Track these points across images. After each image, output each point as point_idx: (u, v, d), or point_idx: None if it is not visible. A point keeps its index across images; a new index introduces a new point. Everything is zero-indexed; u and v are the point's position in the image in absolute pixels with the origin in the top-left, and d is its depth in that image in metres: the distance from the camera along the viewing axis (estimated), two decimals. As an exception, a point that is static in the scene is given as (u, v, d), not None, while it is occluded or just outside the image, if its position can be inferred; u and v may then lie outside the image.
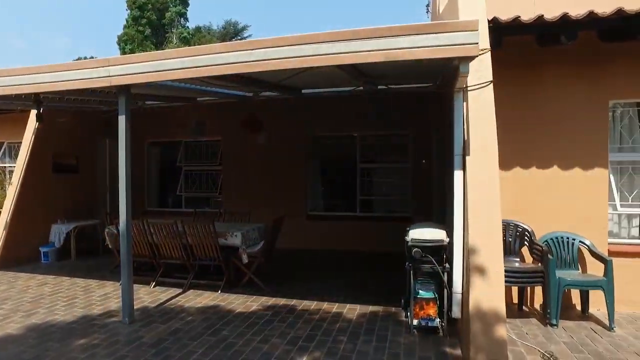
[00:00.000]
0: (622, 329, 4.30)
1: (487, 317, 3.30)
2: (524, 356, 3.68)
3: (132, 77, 4.11)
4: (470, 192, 3.48)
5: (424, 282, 4.15)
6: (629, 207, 4.99)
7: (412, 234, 4.10)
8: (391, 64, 3.80)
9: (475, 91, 3.62)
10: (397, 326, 4.36)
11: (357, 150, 8.64)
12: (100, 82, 4.25)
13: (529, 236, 4.77)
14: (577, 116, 4.83)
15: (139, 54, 4.34)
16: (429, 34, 3.23)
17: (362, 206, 8.64)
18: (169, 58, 4.05)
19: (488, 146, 3.51)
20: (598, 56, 4.78)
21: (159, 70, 4.03)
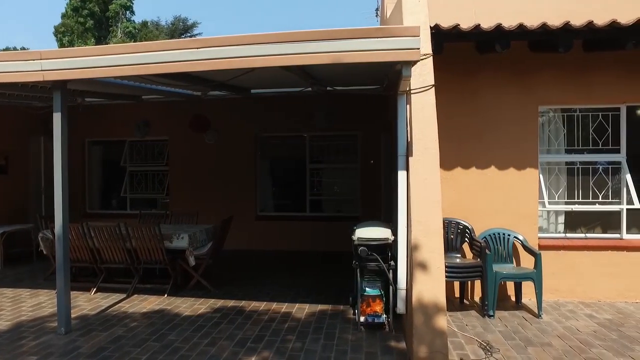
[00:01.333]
0: (549, 315, 4.66)
1: (429, 310, 3.46)
2: (464, 346, 3.89)
3: (68, 73, 3.89)
4: (413, 192, 3.62)
5: (371, 279, 4.27)
6: (556, 205, 5.41)
7: (358, 233, 4.20)
8: (337, 66, 3.89)
9: (417, 94, 3.78)
10: (345, 324, 4.45)
11: (307, 150, 8.70)
12: (31, 76, 3.98)
13: (469, 233, 5.04)
14: (511, 120, 5.16)
15: (76, 48, 4.14)
16: (374, 38, 3.33)
17: (311, 206, 8.72)
18: (109, 54, 3.87)
19: (430, 147, 3.68)
20: (529, 65, 5.14)
21: (99, 66, 3.84)
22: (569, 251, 5.19)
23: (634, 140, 5.35)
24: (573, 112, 5.39)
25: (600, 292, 5.16)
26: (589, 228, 5.54)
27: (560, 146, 5.44)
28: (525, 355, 3.69)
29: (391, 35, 3.32)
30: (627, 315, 4.68)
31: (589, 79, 5.16)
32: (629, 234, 5.31)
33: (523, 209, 5.15)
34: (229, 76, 4.69)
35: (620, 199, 5.28)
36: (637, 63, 5.06)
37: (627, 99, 5.22)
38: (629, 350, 3.82)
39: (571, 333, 4.17)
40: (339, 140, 8.76)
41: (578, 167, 5.39)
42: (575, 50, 4.78)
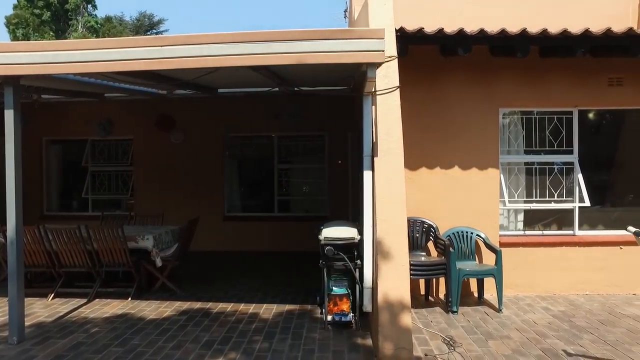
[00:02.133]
0: (508, 309, 4.85)
1: (394, 308, 3.53)
2: (428, 342, 3.99)
3: (22, 68, 3.72)
4: (378, 191, 3.69)
5: (337, 279, 4.31)
6: (515, 203, 5.63)
7: (325, 232, 4.24)
8: (304, 67, 3.92)
9: (383, 95, 3.85)
10: (313, 323, 4.47)
11: (275, 150, 8.68)
12: (-21, 70, 3.79)
13: (434, 232, 5.17)
14: (473, 122, 5.33)
15: (31, 42, 3.98)
16: (339, 39, 3.37)
17: (280, 206, 8.71)
18: (69, 49, 3.74)
19: (394, 148, 3.75)
20: (490, 69, 5.32)
21: (56, 62, 3.69)
22: (528, 248, 5.42)
23: (585, 142, 5.66)
24: (531, 114, 5.63)
25: (556, 286, 5.41)
26: (545, 225, 5.80)
27: (519, 147, 5.67)
28: (486, 349, 3.82)
29: (356, 37, 3.37)
30: (577, 307, 4.95)
31: (545, 83, 5.40)
32: (580, 230, 5.60)
33: (485, 207, 5.33)
34: (194, 75, 4.63)
35: (573, 197, 5.55)
36: (586, 70, 5.35)
37: (578, 103, 5.50)
38: (578, 339, 4.05)
39: (528, 325, 4.36)
40: (307, 141, 8.79)
41: (536, 168, 5.64)
42: (532, 56, 5.00)
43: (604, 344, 3.93)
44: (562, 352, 3.75)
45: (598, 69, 5.36)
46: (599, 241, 5.44)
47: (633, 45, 4.74)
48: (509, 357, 3.67)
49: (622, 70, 5.38)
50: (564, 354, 3.71)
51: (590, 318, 4.58)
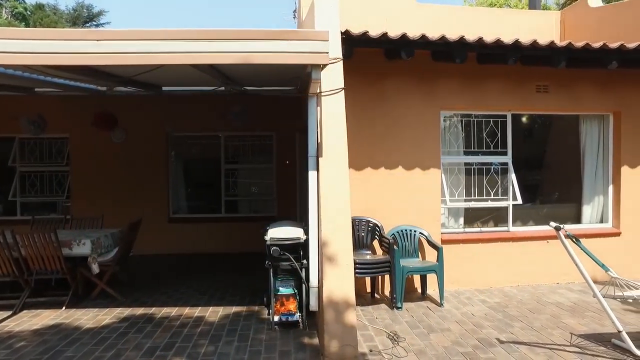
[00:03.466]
0: (449, 303, 5.08)
1: (339, 306, 3.58)
2: (373, 338, 4.09)
3: None
4: (322, 192, 3.73)
5: (284, 279, 4.31)
6: (456, 202, 5.91)
7: (271, 233, 4.23)
8: (251, 67, 3.88)
9: (328, 97, 3.90)
10: (260, 324, 4.45)
11: (222, 150, 8.53)
12: None
13: (379, 231, 5.31)
14: (416, 123, 5.53)
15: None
16: (284, 40, 3.38)
17: (227, 207, 8.56)
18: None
19: (339, 149, 3.82)
20: (432, 73, 5.54)
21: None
22: (467, 244, 5.70)
23: (518, 144, 6.05)
24: (470, 117, 5.93)
25: (492, 279, 5.74)
26: (483, 222, 6.14)
27: (459, 148, 5.94)
28: (428, 342, 3.99)
29: (301, 39, 3.40)
30: (511, 298, 5.28)
31: (483, 88, 5.71)
32: (514, 226, 5.98)
33: (427, 206, 5.55)
34: (136, 72, 4.44)
35: (507, 196, 5.92)
36: (518, 77, 5.72)
37: (511, 108, 5.87)
38: (510, 327, 4.35)
39: (467, 318, 4.60)
40: (254, 140, 8.70)
41: (474, 168, 5.95)
42: (470, 63, 5.27)
43: (531, 330, 4.25)
44: (496, 340, 3.99)
45: (528, 77, 5.75)
46: (530, 236, 5.84)
47: (554, 56, 5.14)
48: (448, 348, 3.85)
49: (547, 79, 5.81)
50: (497, 342, 3.96)
51: (521, 307, 4.91)
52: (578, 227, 6.17)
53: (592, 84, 5.94)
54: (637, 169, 6.09)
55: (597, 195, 6.31)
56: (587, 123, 6.32)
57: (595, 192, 6.32)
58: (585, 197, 6.35)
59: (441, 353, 3.75)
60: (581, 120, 6.34)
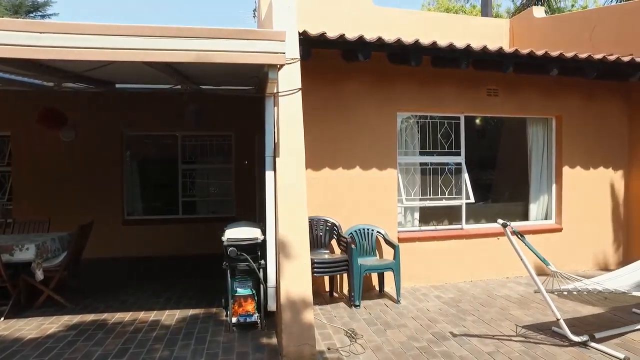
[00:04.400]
0: (406, 300, 5.21)
1: (297, 305, 3.60)
2: (331, 336, 4.14)
3: None
4: (279, 192, 3.74)
5: (242, 279, 4.28)
6: (412, 201, 6.07)
7: (228, 233, 4.18)
8: (206, 65, 3.82)
9: (285, 97, 3.90)
10: (218, 326, 4.39)
11: (179, 150, 8.34)
12: None
13: (336, 230, 5.37)
14: (373, 124, 5.64)
15: None
16: (240, 39, 3.35)
17: (185, 208, 8.38)
18: None
19: (296, 148, 3.83)
20: (389, 75, 5.67)
21: None
22: (423, 242, 5.87)
23: (471, 145, 6.30)
24: (425, 119, 6.11)
25: (447, 276, 5.94)
26: (438, 221, 6.34)
27: (415, 149, 6.12)
28: (384, 338, 4.08)
29: (257, 38, 3.38)
30: (464, 293, 5.49)
31: (437, 90, 5.91)
32: (467, 224, 6.23)
33: (384, 205, 5.67)
34: (84, 67, 4.26)
35: (461, 195, 6.15)
36: (470, 81, 5.96)
37: (464, 110, 6.11)
38: (462, 321, 4.52)
39: (422, 313, 4.74)
40: (213, 140, 8.56)
41: (430, 168, 6.13)
42: (426, 65, 5.44)
43: (482, 323, 4.44)
44: (449, 334, 4.14)
45: (479, 81, 6.00)
46: (482, 233, 6.09)
47: (503, 62, 5.41)
48: (404, 343, 3.96)
49: (497, 83, 6.10)
50: (451, 336, 4.11)
51: (473, 302, 5.12)
52: (525, 224, 6.51)
53: (537, 89, 6.29)
54: (576, 169, 6.51)
55: (542, 193, 6.69)
56: (534, 126, 6.69)
57: (541, 191, 6.69)
58: (532, 195, 6.70)
59: (397, 348, 3.85)
60: (528, 123, 6.69)
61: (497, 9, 21.57)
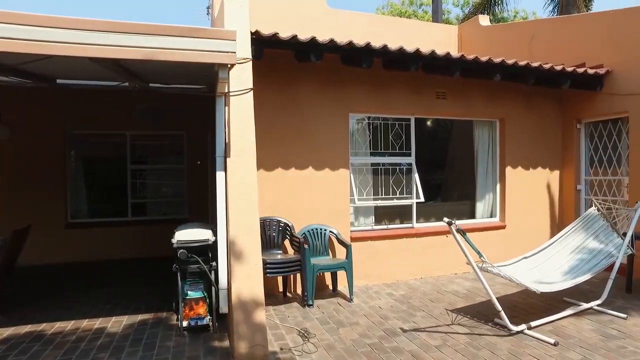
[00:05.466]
0: (359, 298, 5.31)
1: (248, 306, 3.58)
2: (284, 336, 4.14)
3: None
4: (230, 192, 3.70)
5: (193, 282, 4.19)
6: (364, 201, 6.19)
7: (178, 235, 4.09)
8: (155, 63, 3.70)
9: (236, 97, 3.86)
10: (168, 331, 4.27)
11: (128, 150, 8.03)
12: None
13: (289, 230, 5.38)
14: (326, 125, 5.70)
15: None
16: (190, 38, 3.29)
17: (134, 210, 8.09)
18: None
19: (247, 149, 3.81)
20: (341, 77, 5.75)
21: None
22: (375, 241, 6.00)
23: (421, 146, 6.51)
24: (377, 120, 6.25)
25: (399, 273, 6.11)
26: (391, 220, 6.50)
27: (367, 149, 6.24)
28: (337, 336, 4.13)
29: (207, 37, 3.34)
30: (415, 290, 5.67)
31: (389, 92, 6.06)
32: (418, 223, 6.43)
33: (337, 205, 5.74)
34: (17, 60, 4.00)
35: (411, 194, 6.34)
36: (420, 84, 6.17)
37: (415, 112, 6.31)
38: (412, 317, 4.66)
39: (374, 311, 4.84)
40: (164, 140, 8.33)
41: (381, 168, 6.28)
42: (377, 68, 5.57)
43: (431, 318, 4.60)
44: (400, 330, 4.26)
45: (429, 84, 6.22)
46: (431, 231, 6.31)
47: (450, 66, 5.64)
48: (356, 340, 4.03)
49: (446, 87, 6.34)
50: (401, 331, 4.23)
51: (423, 298, 5.30)
52: (472, 222, 6.82)
53: (483, 93, 6.60)
54: (518, 169, 6.90)
55: (487, 192, 7.03)
56: (480, 128, 7.01)
57: (486, 190, 7.03)
58: (478, 194, 7.03)
59: (349, 346, 3.91)
60: (475, 125, 7.02)
61: (448, 15, 22.45)
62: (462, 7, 22.78)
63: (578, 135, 7.01)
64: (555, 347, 3.80)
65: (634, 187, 6.08)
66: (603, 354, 3.71)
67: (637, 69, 6.02)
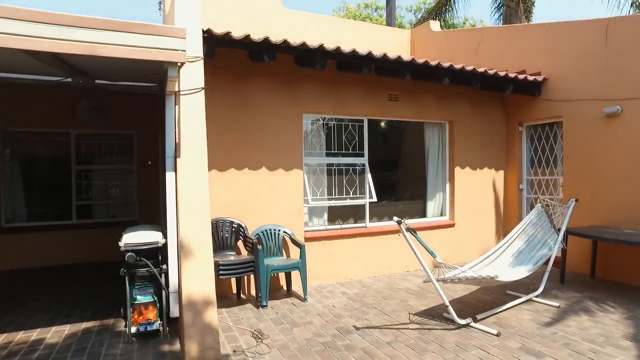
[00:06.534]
0: (313, 297, 5.35)
1: (199, 309, 3.51)
2: (237, 338, 4.10)
3: None
4: (180, 193, 3.62)
5: (142, 286, 4.06)
6: (318, 201, 6.24)
7: (126, 238, 3.94)
8: (99, 59, 3.55)
9: (187, 96, 3.78)
10: (115, 338, 4.10)
11: (73, 149, 7.63)
12: None
13: (243, 231, 5.33)
14: (280, 125, 5.69)
15: None
16: (136, 34, 3.18)
17: (79, 212, 7.69)
18: None
19: (198, 149, 3.74)
20: (296, 77, 5.77)
21: None
22: (329, 240, 6.06)
23: (374, 146, 6.66)
24: (331, 121, 6.33)
25: (353, 272, 6.21)
26: (344, 220, 6.59)
27: (321, 150, 6.29)
28: (291, 336, 4.14)
29: (156, 34, 3.24)
30: (368, 288, 5.79)
31: (342, 94, 6.14)
32: (371, 222, 6.56)
33: (291, 206, 5.75)
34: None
35: (364, 194, 6.47)
36: (373, 86, 6.30)
37: (367, 113, 6.44)
38: (365, 314, 4.75)
39: (328, 310, 4.89)
40: (113, 139, 7.98)
41: (335, 169, 6.35)
42: (331, 69, 5.64)
43: (383, 315, 4.72)
44: (353, 328, 4.34)
45: (381, 86, 6.37)
46: (384, 231, 6.46)
47: (401, 69, 5.81)
48: (310, 340, 4.06)
49: (398, 89, 6.52)
50: (354, 329, 4.30)
51: (376, 296, 5.42)
52: (423, 221, 7.05)
53: (433, 95, 6.85)
54: (466, 170, 7.21)
55: (438, 192, 7.29)
56: (430, 129, 7.27)
57: (437, 190, 7.29)
58: (429, 194, 7.28)
59: (302, 345, 3.93)
60: (425, 126, 7.26)
61: (401, 20, 23.07)
62: (415, 12, 23.51)
63: (520, 137, 7.43)
64: (497, 337, 4.02)
65: (567, 186, 6.54)
66: (538, 340, 3.99)
67: (570, 78, 6.48)
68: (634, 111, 5.68)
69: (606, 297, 5.20)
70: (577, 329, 4.24)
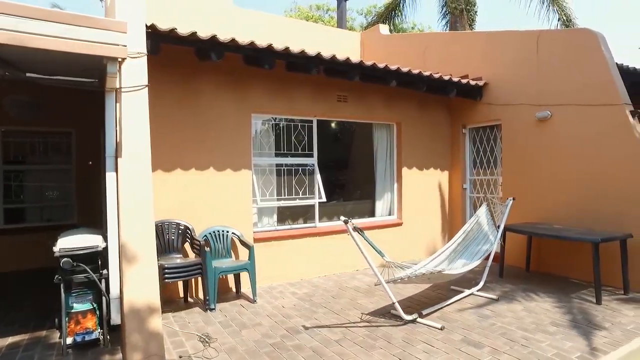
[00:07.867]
0: (262, 299, 5.30)
1: (142, 315, 3.37)
2: (184, 343, 3.98)
3: None
4: (122, 194, 3.46)
5: (80, 293, 3.83)
6: (267, 202, 6.20)
7: (61, 242, 3.71)
8: (28, 50, 3.32)
9: (129, 93, 3.62)
10: (48, 351, 3.84)
11: (0, 148, 7.07)
12: None
13: (189, 233, 5.18)
14: (228, 125, 5.59)
15: None
16: (71, 25, 3.01)
17: (9, 216, 7.14)
18: None
19: (140, 149, 3.59)
20: (244, 76, 5.70)
21: None
22: (279, 241, 6.04)
23: (324, 147, 6.71)
24: (280, 121, 6.30)
25: (303, 272, 6.23)
26: (293, 220, 6.60)
27: (270, 150, 6.26)
28: (239, 338, 4.08)
29: (93, 27, 3.08)
30: (318, 287, 5.83)
31: (292, 94, 6.14)
32: (320, 222, 6.61)
33: (240, 206, 5.67)
34: None
35: (314, 194, 6.50)
36: (322, 87, 6.35)
37: (316, 114, 6.48)
38: (314, 313, 4.78)
39: (278, 310, 4.87)
40: (48, 138, 7.48)
41: (284, 169, 6.34)
42: (280, 69, 5.62)
43: (332, 314, 4.77)
44: (302, 328, 4.34)
45: (330, 87, 6.44)
46: (333, 230, 6.52)
47: (350, 71, 5.91)
48: (259, 341, 4.02)
49: (347, 90, 6.62)
50: (303, 329, 4.31)
51: (326, 295, 5.46)
52: (372, 220, 7.20)
53: (381, 97, 7.02)
54: (413, 170, 7.45)
55: (386, 192, 7.48)
56: (379, 130, 7.44)
57: (385, 190, 7.47)
58: (378, 193, 7.45)
59: (251, 347, 3.89)
60: (374, 128, 7.42)
61: (352, 23, 23.44)
62: (365, 15, 23.97)
63: (464, 139, 7.78)
64: (442, 331, 4.19)
65: (506, 185, 6.94)
66: (479, 332, 4.20)
67: (507, 83, 6.89)
68: (562, 116, 6.13)
69: (538, 288, 5.58)
70: (512, 319, 4.51)
